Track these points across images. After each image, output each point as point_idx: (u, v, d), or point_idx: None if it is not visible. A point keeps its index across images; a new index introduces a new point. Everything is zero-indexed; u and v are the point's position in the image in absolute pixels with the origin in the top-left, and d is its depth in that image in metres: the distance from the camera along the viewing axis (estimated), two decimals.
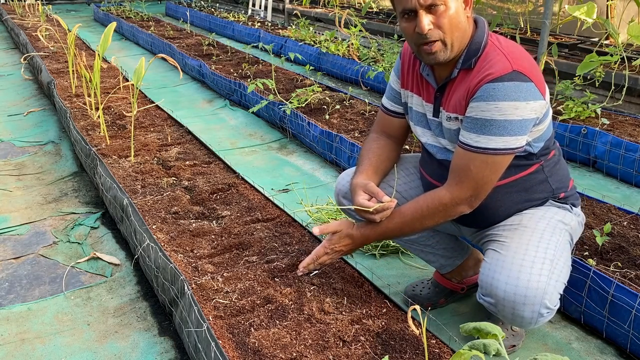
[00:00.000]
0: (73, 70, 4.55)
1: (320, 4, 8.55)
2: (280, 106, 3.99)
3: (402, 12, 1.63)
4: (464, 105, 1.66)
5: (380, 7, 7.93)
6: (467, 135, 1.63)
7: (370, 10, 7.63)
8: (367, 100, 4.07)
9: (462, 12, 1.62)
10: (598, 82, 3.93)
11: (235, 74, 4.99)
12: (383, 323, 1.78)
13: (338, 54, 5.43)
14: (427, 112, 1.81)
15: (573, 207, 1.83)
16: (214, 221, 2.48)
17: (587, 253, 2.15)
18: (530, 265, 1.59)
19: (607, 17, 4.95)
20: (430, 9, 1.58)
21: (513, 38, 5.43)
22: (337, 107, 3.97)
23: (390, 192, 1.97)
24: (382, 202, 1.75)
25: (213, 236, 2.34)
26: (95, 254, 2.54)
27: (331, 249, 1.90)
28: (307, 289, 1.95)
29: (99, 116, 3.76)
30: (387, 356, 1.53)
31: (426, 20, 1.59)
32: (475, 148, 1.61)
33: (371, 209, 1.74)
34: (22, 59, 6.16)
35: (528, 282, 1.57)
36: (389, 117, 1.98)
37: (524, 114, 1.57)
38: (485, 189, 1.66)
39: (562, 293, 1.65)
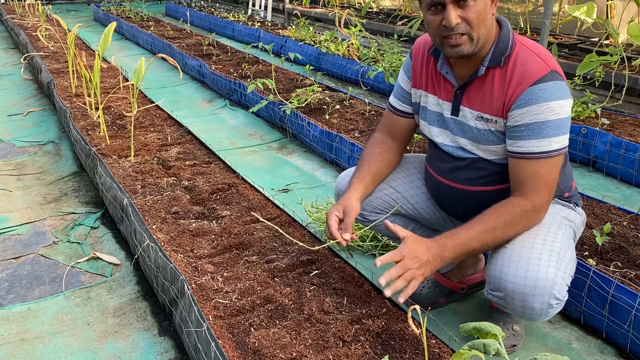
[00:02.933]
0: (73, 70, 4.55)
1: (320, 4, 8.55)
2: (280, 106, 3.99)
3: (429, 5, 1.62)
4: (502, 109, 1.65)
5: (380, 7, 7.93)
6: (526, 143, 1.62)
7: (370, 10, 7.63)
8: (367, 100, 4.07)
9: (489, 9, 1.62)
10: (598, 82, 3.93)
11: (235, 74, 4.99)
12: (383, 323, 1.78)
13: (338, 54, 5.44)
14: (444, 111, 1.80)
15: (576, 206, 1.85)
16: (214, 221, 2.48)
17: (587, 253, 2.15)
18: (538, 257, 1.60)
19: (607, 17, 4.95)
20: (459, 2, 1.58)
21: None
22: (337, 107, 3.97)
23: (390, 192, 1.97)
24: (339, 239, 1.76)
25: (213, 236, 2.35)
26: (95, 254, 2.54)
27: (410, 256, 1.63)
28: (307, 289, 1.95)
29: (98, 116, 3.76)
30: (387, 356, 1.53)
31: (454, 14, 1.58)
32: (540, 154, 1.61)
33: (325, 244, 1.77)
34: (22, 59, 6.17)
35: (537, 274, 1.58)
36: (397, 116, 1.97)
37: (568, 112, 1.61)
38: (554, 190, 1.68)
39: (569, 285, 1.65)
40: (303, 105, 4.05)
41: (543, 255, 1.60)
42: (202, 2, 10.71)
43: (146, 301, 2.24)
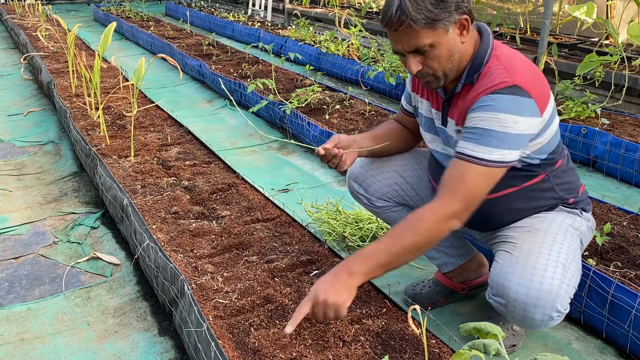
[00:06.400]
0: (73, 70, 4.55)
1: (320, 4, 8.54)
2: (280, 106, 3.99)
3: (393, 52, 1.68)
4: (464, 119, 1.67)
5: (380, 7, 7.92)
6: (465, 145, 1.61)
7: (370, 10, 7.63)
8: (367, 100, 4.07)
9: (457, 41, 1.62)
10: (598, 82, 3.93)
11: (235, 74, 4.99)
12: (383, 323, 1.78)
13: (338, 54, 5.43)
14: (435, 119, 1.82)
15: (583, 212, 1.82)
16: (214, 221, 2.48)
17: (587, 253, 2.15)
18: (543, 268, 1.59)
19: (607, 17, 4.95)
20: (418, 51, 1.61)
21: (513, 38, 5.43)
22: (337, 107, 3.97)
23: (399, 181, 2.00)
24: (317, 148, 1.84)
25: (213, 236, 2.35)
26: (95, 254, 2.54)
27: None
28: (307, 289, 1.95)
29: (98, 116, 3.76)
30: (387, 356, 1.53)
31: (414, 62, 1.63)
32: (472, 158, 1.58)
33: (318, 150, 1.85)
34: (22, 59, 6.16)
35: (541, 285, 1.57)
36: (404, 115, 2.02)
37: (522, 129, 1.56)
38: (476, 202, 1.61)
39: (572, 297, 1.65)
40: (303, 105, 4.05)
41: (548, 267, 1.59)
42: (202, 2, 10.71)
43: (146, 301, 2.24)
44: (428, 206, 1.62)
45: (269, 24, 7.84)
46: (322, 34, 6.30)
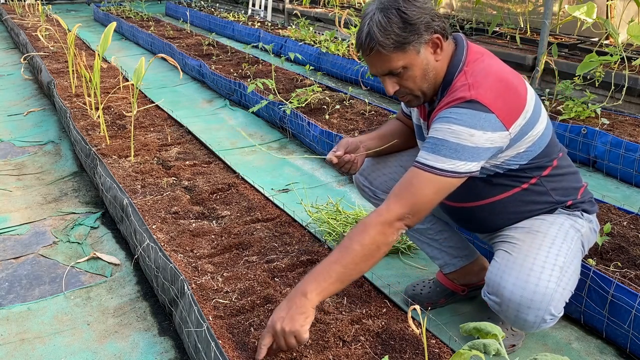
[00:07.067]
0: (73, 70, 4.55)
1: (320, 4, 8.54)
2: (280, 106, 3.99)
3: (370, 74, 1.72)
4: None
5: None
6: (420, 154, 1.62)
7: None
8: (367, 100, 4.07)
9: (430, 60, 1.63)
10: (598, 82, 3.93)
11: (235, 74, 4.99)
12: (383, 323, 1.78)
13: (338, 54, 5.43)
14: (422, 128, 1.84)
15: (584, 214, 1.80)
16: (214, 221, 2.48)
17: (587, 253, 2.14)
18: (540, 270, 1.59)
19: (607, 17, 4.95)
20: (392, 73, 1.63)
21: (513, 38, 5.43)
22: (337, 107, 3.97)
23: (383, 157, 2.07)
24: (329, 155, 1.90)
25: (213, 236, 2.35)
26: (95, 253, 2.54)
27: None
28: None
29: (98, 116, 3.76)
30: (387, 356, 1.53)
31: (390, 84, 1.66)
32: (422, 165, 1.58)
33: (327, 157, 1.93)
34: (22, 59, 6.16)
35: (536, 287, 1.57)
36: (405, 117, 2.05)
37: (478, 143, 1.55)
38: (424, 209, 1.60)
39: (567, 301, 1.65)
40: (303, 105, 4.05)
41: (545, 269, 1.59)
42: (202, 2, 10.71)
43: (146, 301, 2.24)
44: (375, 210, 1.62)
45: (269, 24, 7.84)
46: (322, 34, 6.30)
